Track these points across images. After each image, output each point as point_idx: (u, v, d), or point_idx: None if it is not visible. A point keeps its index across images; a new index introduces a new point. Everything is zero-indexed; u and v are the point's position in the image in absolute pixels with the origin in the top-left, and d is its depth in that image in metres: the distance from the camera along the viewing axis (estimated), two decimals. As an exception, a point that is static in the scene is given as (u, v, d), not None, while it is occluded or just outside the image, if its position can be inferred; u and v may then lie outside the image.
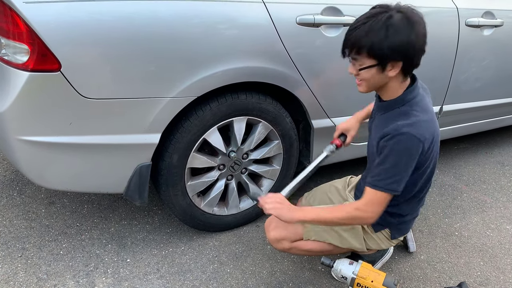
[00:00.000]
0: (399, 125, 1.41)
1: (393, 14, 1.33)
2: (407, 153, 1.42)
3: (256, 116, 1.95)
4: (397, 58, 1.37)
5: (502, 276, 2.01)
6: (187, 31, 1.60)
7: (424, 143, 1.41)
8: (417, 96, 1.49)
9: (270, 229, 1.73)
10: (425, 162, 1.50)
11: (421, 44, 1.38)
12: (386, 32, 1.32)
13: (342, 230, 1.71)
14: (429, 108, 1.49)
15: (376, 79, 1.45)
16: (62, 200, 2.35)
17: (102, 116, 1.59)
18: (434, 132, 1.46)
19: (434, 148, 1.51)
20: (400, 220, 1.72)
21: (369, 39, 1.35)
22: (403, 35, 1.33)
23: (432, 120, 1.46)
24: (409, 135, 1.39)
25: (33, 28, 1.38)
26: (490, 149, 3.49)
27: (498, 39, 2.59)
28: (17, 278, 1.80)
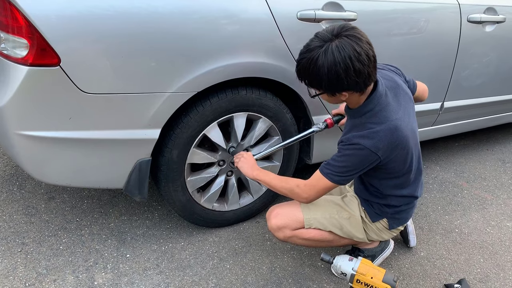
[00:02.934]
0: (353, 135, 1.53)
1: (326, 50, 1.40)
2: (355, 161, 1.53)
3: (257, 112, 1.94)
4: (338, 90, 1.47)
5: (502, 273, 2.01)
6: (187, 26, 1.60)
7: (377, 153, 1.49)
8: (375, 107, 1.53)
9: (271, 217, 1.76)
10: (393, 163, 1.57)
11: (357, 75, 1.41)
12: (317, 71, 1.42)
13: (343, 219, 1.73)
14: (388, 116, 1.51)
15: (333, 100, 1.57)
16: (62, 195, 2.35)
17: (101, 111, 1.59)
18: (392, 139, 1.50)
19: (401, 150, 1.54)
20: (395, 210, 1.74)
21: (309, 76, 1.48)
22: (333, 74, 1.40)
23: (389, 129, 1.49)
24: (359, 145, 1.50)
25: (32, 22, 1.38)
26: (491, 146, 3.48)
27: (500, 35, 2.58)
28: (17, 273, 1.80)
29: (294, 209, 1.76)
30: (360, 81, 1.43)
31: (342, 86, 1.44)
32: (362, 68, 1.40)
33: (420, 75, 2.35)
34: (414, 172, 1.69)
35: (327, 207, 1.77)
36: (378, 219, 1.76)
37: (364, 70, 1.41)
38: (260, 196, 2.21)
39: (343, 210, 1.76)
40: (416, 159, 1.67)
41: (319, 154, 2.25)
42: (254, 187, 2.17)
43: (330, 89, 1.48)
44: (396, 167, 1.60)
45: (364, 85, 1.46)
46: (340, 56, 1.38)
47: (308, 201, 1.68)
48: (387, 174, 1.63)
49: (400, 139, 1.52)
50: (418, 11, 2.19)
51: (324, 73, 1.41)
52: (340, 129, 2.19)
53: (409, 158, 1.61)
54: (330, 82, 1.43)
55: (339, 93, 1.49)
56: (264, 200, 2.23)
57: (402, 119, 1.53)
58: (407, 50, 2.21)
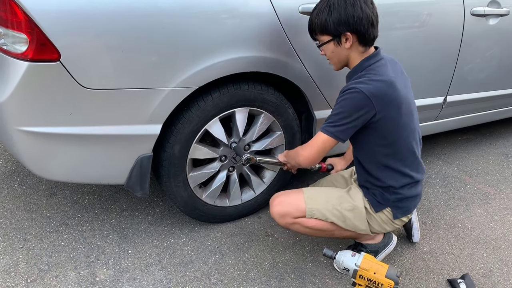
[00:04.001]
0: (350, 83, 1.61)
1: None
2: (350, 104, 1.57)
3: (258, 107, 1.93)
4: (344, 30, 1.59)
5: (506, 268, 2.00)
6: (188, 20, 1.58)
7: (372, 99, 1.54)
8: (375, 63, 1.64)
9: (274, 204, 1.78)
10: (387, 121, 1.61)
11: (362, 15, 1.56)
12: (328, 11, 1.58)
13: (345, 210, 1.73)
14: (386, 72, 1.60)
15: (338, 53, 1.67)
16: (63, 191, 2.35)
17: (102, 107, 1.58)
18: (387, 91, 1.57)
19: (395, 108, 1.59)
20: (397, 196, 1.73)
21: (318, 20, 1.62)
22: (342, 11, 1.56)
23: (385, 81, 1.57)
24: (354, 89, 1.56)
25: (32, 17, 1.36)
26: (494, 140, 3.46)
27: (504, 28, 2.55)
28: (18, 269, 1.80)
29: (297, 198, 1.76)
30: (364, 23, 1.57)
31: (348, 23, 1.57)
32: (367, 10, 1.57)
33: (422, 69, 2.33)
34: (409, 144, 1.69)
35: (330, 198, 1.76)
36: (381, 209, 1.75)
37: (369, 14, 1.57)
38: (262, 192, 2.20)
39: (346, 202, 1.75)
40: (412, 130, 1.69)
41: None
42: (255, 183, 2.16)
43: (337, 28, 1.59)
44: (390, 129, 1.63)
45: (367, 31, 1.59)
46: None
47: (307, 157, 1.70)
48: (380, 137, 1.65)
49: (395, 95, 1.58)
50: (420, 4, 2.17)
51: (334, 9, 1.57)
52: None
53: (403, 124, 1.64)
54: (339, 18, 1.57)
55: (344, 35, 1.60)
56: (266, 196, 2.22)
57: (396, 79, 1.61)
58: (409, 43, 2.19)
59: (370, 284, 1.56)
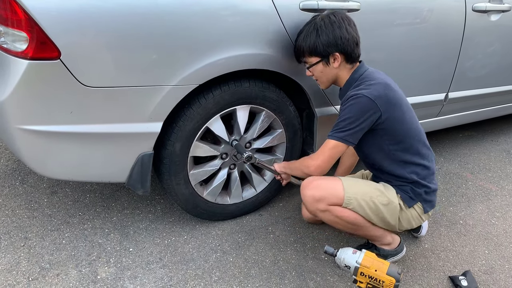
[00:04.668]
0: (350, 91, 1.70)
1: (322, 17, 1.71)
2: (356, 109, 1.63)
3: (259, 105, 1.93)
4: (332, 51, 1.70)
5: (507, 265, 2.00)
6: (189, 18, 1.58)
7: (375, 100, 1.62)
8: (365, 71, 1.75)
9: (310, 187, 1.74)
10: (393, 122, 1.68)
11: (348, 36, 1.69)
12: (316, 33, 1.69)
13: (381, 204, 1.74)
14: (379, 77, 1.71)
15: (326, 72, 1.78)
16: (64, 189, 2.35)
17: (103, 105, 1.57)
18: (386, 92, 1.65)
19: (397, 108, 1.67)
20: (425, 190, 1.78)
21: (306, 43, 1.72)
22: (330, 33, 1.68)
23: (381, 83, 1.67)
24: (357, 95, 1.64)
25: (32, 15, 1.36)
26: (496, 136, 3.46)
27: (506, 24, 2.55)
28: (20, 268, 1.80)
29: (336, 184, 1.74)
30: (350, 43, 1.69)
31: (337, 44, 1.69)
32: (351, 31, 1.70)
33: (424, 66, 2.33)
34: (419, 136, 1.77)
35: (369, 190, 1.75)
36: (414, 204, 1.77)
37: (353, 34, 1.70)
38: (263, 190, 2.20)
39: (383, 195, 1.75)
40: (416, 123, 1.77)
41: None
42: (256, 181, 2.16)
43: (326, 50, 1.70)
44: (398, 127, 1.69)
45: (353, 50, 1.71)
46: (336, 19, 1.69)
47: (318, 166, 1.73)
48: (390, 136, 1.71)
49: (393, 95, 1.67)
50: (421, 1, 2.16)
51: (321, 32, 1.68)
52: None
53: (407, 118, 1.71)
54: (327, 40, 1.68)
55: (333, 56, 1.71)
56: (266, 194, 2.22)
57: (391, 81, 1.72)
58: (410, 40, 2.19)
59: (371, 281, 1.56)
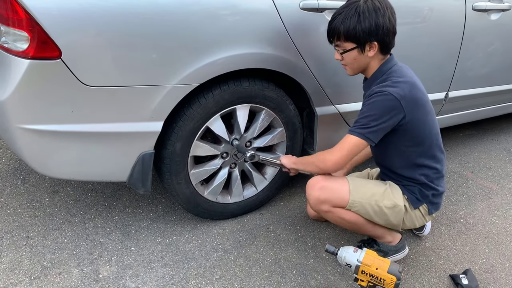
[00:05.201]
0: (376, 86, 1.64)
1: (365, 1, 1.60)
2: (379, 106, 1.59)
3: (259, 104, 1.93)
4: (371, 39, 1.61)
5: (508, 263, 2.00)
6: (189, 17, 1.58)
7: (401, 101, 1.57)
8: (393, 66, 1.69)
9: (316, 188, 1.73)
10: (416, 123, 1.64)
11: (389, 26, 1.61)
12: (358, 18, 1.58)
13: (386, 207, 1.73)
14: (407, 74, 1.66)
15: (359, 60, 1.69)
16: (65, 189, 2.35)
17: (103, 104, 1.58)
18: (412, 91, 1.61)
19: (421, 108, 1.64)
20: (434, 192, 1.77)
21: (345, 26, 1.61)
22: (373, 20, 1.58)
23: (408, 82, 1.62)
24: (383, 92, 1.59)
25: (33, 15, 1.37)
26: (496, 135, 3.46)
27: (505, 23, 2.55)
28: (22, 267, 1.81)
29: (342, 187, 1.73)
30: (390, 34, 1.62)
31: (377, 33, 1.59)
32: (392, 21, 1.62)
33: (424, 65, 2.33)
34: (437, 139, 1.74)
35: (375, 192, 1.74)
36: (420, 205, 1.77)
37: (394, 24, 1.63)
38: (264, 188, 2.20)
39: (388, 199, 1.74)
40: (435, 126, 1.74)
41: (323, 146, 2.23)
42: (257, 179, 2.16)
43: (366, 37, 1.60)
44: (419, 130, 1.66)
45: (390, 41, 1.65)
46: (380, 5, 1.59)
47: (335, 162, 1.66)
48: (410, 138, 1.68)
49: (419, 95, 1.63)
50: (422, 0, 2.16)
51: (364, 18, 1.58)
52: (346, 122, 2.17)
53: (429, 120, 1.68)
54: (369, 27, 1.58)
55: (370, 44, 1.62)
56: (267, 193, 2.23)
57: (417, 79, 1.68)
58: (411, 39, 2.19)
59: (372, 280, 1.56)
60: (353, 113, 2.13)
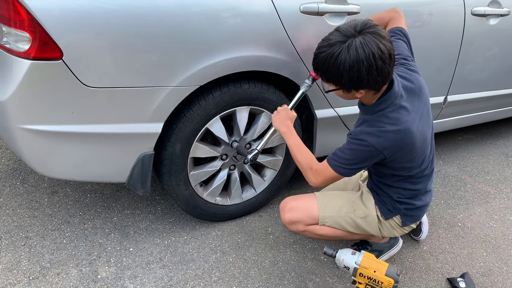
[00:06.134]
0: (361, 130, 1.54)
1: (349, 45, 1.38)
2: (360, 155, 1.54)
3: (259, 106, 1.94)
4: (357, 88, 1.46)
5: (505, 267, 2.01)
6: (189, 19, 1.59)
7: (383, 151, 1.50)
8: (388, 107, 1.52)
9: (285, 210, 1.75)
10: (399, 162, 1.58)
11: (380, 74, 1.41)
12: (338, 68, 1.40)
13: (358, 218, 1.74)
14: (400, 118, 1.50)
15: (347, 97, 1.55)
16: (65, 189, 2.35)
17: (104, 105, 1.58)
18: (399, 141, 1.49)
19: (407, 152, 1.54)
20: (408, 206, 1.74)
21: (327, 71, 1.46)
22: (354, 74, 1.40)
23: (399, 131, 1.48)
24: (364, 141, 1.50)
25: (35, 16, 1.37)
26: (494, 139, 3.47)
27: (504, 28, 2.56)
28: (21, 267, 1.81)
29: (310, 205, 1.75)
30: (380, 80, 1.43)
31: (362, 84, 1.43)
32: (383, 66, 1.39)
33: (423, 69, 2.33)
34: (424, 170, 1.68)
35: (344, 206, 1.76)
36: (391, 216, 1.75)
37: (385, 69, 1.41)
38: (263, 190, 2.21)
39: (359, 209, 1.76)
40: (428, 159, 1.67)
41: (322, 148, 2.24)
42: (256, 181, 2.17)
43: (349, 87, 1.47)
44: (402, 167, 1.61)
45: (382, 83, 1.46)
46: (364, 54, 1.36)
47: (316, 186, 1.69)
48: (394, 170, 1.64)
49: (408, 141, 1.51)
50: (421, 4, 2.17)
51: (345, 70, 1.40)
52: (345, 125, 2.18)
53: (417, 159, 1.61)
54: (350, 79, 1.42)
55: (357, 91, 1.48)
56: (266, 195, 2.23)
57: (413, 121, 1.51)
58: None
59: (370, 282, 1.57)
60: (353, 117, 2.13)
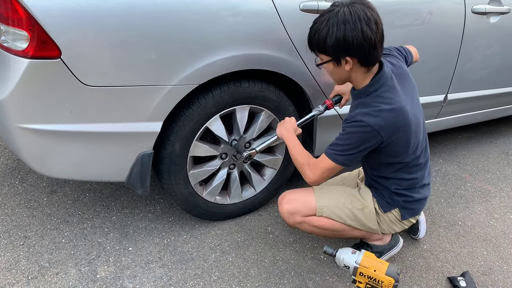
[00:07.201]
0: (357, 113, 1.54)
1: (337, 11, 1.45)
2: (357, 138, 1.53)
3: (259, 105, 1.93)
4: (343, 55, 1.49)
5: (506, 266, 2.00)
6: (188, 17, 1.58)
7: (380, 131, 1.50)
8: (380, 88, 1.55)
9: (283, 202, 1.76)
10: (395, 146, 1.58)
11: (361, 39, 1.43)
12: (327, 32, 1.46)
13: (356, 209, 1.74)
14: (394, 98, 1.53)
15: (338, 73, 1.58)
16: (64, 188, 2.35)
17: (103, 104, 1.58)
18: (395, 119, 1.51)
19: (403, 133, 1.55)
20: (406, 199, 1.74)
21: (317, 39, 1.51)
22: (341, 35, 1.44)
23: (393, 109, 1.51)
24: (362, 122, 1.50)
25: (33, 14, 1.36)
26: (494, 138, 3.46)
27: (505, 26, 2.55)
28: (19, 266, 1.80)
29: (307, 196, 1.76)
30: (365, 48, 1.45)
31: (347, 48, 1.46)
32: (369, 33, 1.43)
33: (423, 67, 2.33)
34: (419, 158, 1.69)
35: (341, 197, 1.76)
36: (390, 209, 1.75)
37: (371, 37, 1.43)
38: (262, 190, 2.20)
39: (357, 201, 1.76)
40: (421, 145, 1.68)
41: (322, 147, 2.23)
42: (256, 181, 2.16)
43: (336, 52, 1.49)
44: (398, 151, 1.61)
45: (369, 55, 1.48)
46: (351, 17, 1.42)
47: (314, 182, 1.67)
48: (390, 157, 1.64)
49: (403, 121, 1.53)
50: (421, 2, 2.16)
51: (332, 32, 1.44)
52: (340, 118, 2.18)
53: (412, 143, 1.62)
54: (337, 42, 1.45)
55: (344, 59, 1.50)
56: (266, 194, 2.23)
57: (406, 101, 1.55)
58: (410, 41, 2.18)
59: (370, 282, 1.56)
60: (352, 115, 2.13)
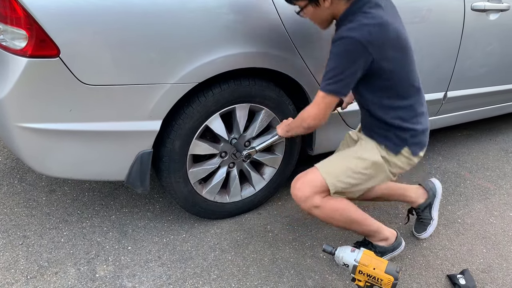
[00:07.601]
0: (341, 30, 1.47)
1: None
2: (346, 56, 1.46)
3: (259, 103, 1.93)
4: None
5: (505, 264, 2.00)
6: (187, 15, 1.58)
7: (368, 48, 1.44)
8: (364, 6, 1.49)
9: (295, 189, 1.70)
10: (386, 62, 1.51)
11: None
12: None
13: (364, 169, 1.69)
14: (377, 14, 1.47)
15: (319, 14, 1.56)
16: (63, 187, 2.34)
17: (102, 103, 1.57)
18: (381, 33, 1.46)
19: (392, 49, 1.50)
20: (412, 133, 1.68)
21: None
22: None
23: (378, 23, 1.45)
24: (347, 38, 1.44)
25: (31, 13, 1.36)
26: (494, 135, 3.46)
27: (504, 23, 2.55)
28: (18, 266, 1.80)
29: (314, 177, 1.69)
30: None
31: None
32: None
33: (423, 65, 2.33)
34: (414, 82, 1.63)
35: (346, 164, 1.70)
36: (400, 150, 1.69)
37: None
38: (262, 188, 2.20)
39: (361, 161, 1.70)
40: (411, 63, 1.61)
41: (322, 145, 2.24)
42: (255, 179, 2.16)
43: None
44: (390, 69, 1.54)
45: None
46: None
47: (317, 119, 1.61)
48: (382, 80, 1.57)
49: (389, 35, 1.48)
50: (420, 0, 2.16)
51: None
52: (345, 122, 2.18)
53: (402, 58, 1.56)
54: None
55: None
56: (265, 193, 2.23)
57: (391, 18, 1.50)
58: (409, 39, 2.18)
59: (370, 280, 1.56)
60: (352, 113, 2.12)
